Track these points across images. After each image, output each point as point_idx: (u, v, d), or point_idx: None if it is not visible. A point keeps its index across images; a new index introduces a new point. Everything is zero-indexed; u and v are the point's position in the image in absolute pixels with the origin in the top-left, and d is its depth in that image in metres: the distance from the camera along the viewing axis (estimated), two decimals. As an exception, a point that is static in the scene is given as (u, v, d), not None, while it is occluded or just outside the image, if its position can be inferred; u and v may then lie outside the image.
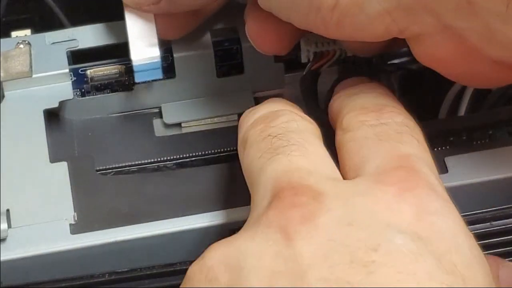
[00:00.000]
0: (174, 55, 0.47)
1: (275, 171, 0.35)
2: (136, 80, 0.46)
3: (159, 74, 0.46)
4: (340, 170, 0.37)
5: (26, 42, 0.47)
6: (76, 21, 0.52)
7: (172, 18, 0.45)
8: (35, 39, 0.48)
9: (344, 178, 0.36)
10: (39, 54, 0.47)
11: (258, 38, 0.43)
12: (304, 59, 0.47)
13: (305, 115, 0.39)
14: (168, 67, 0.48)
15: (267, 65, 0.48)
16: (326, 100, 0.43)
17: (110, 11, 0.48)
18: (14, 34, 0.50)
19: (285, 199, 0.33)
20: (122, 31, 0.46)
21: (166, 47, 0.47)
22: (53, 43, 0.48)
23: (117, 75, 0.48)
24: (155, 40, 0.45)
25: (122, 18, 0.46)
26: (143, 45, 0.45)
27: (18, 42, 0.47)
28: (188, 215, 0.41)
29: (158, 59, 0.45)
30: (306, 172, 0.35)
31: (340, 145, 0.38)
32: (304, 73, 0.46)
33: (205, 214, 0.41)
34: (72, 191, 0.42)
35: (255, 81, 0.49)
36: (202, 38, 0.48)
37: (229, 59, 0.48)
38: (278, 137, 0.37)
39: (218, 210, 0.41)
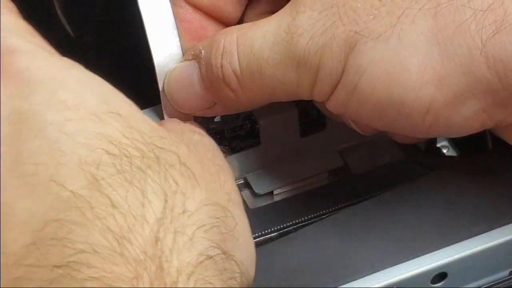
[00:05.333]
0: (260, 121, 0.45)
1: None
2: None
3: None
4: None
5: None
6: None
7: None
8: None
9: None
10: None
11: (366, 131, 0.42)
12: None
13: None
14: (252, 135, 0.45)
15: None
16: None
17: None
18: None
19: None
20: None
21: (244, 114, 0.45)
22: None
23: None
24: None
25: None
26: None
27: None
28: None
29: None
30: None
31: None
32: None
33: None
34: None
35: (338, 135, 0.47)
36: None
37: (311, 116, 0.47)
38: None
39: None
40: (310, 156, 0.47)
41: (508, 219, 0.42)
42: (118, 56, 0.53)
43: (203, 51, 0.41)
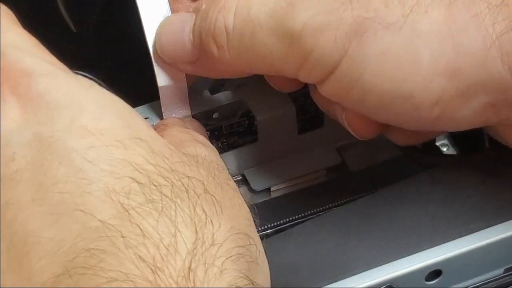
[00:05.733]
0: (258, 118, 0.45)
1: None
2: None
3: None
4: None
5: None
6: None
7: None
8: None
9: None
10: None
11: (356, 128, 0.41)
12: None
13: None
14: (250, 132, 0.46)
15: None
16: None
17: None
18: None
19: None
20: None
21: (242, 111, 0.45)
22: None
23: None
24: (186, 100, 0.43)
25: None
26: (175, 105, 0.43)
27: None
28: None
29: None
30: None
31: None
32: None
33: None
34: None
35: (336, 133, 0.47)
36: (280, 96, 0.46)
37: (309, 113, 0.47)
38: None
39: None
40: (307, 153, 0.47)
41: (504, 217, 0.42)
42: (119, 51, 0.54)
43: (204, 5, 0.40)
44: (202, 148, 0.36)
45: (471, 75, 0.36)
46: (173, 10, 0.43)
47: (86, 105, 0.30)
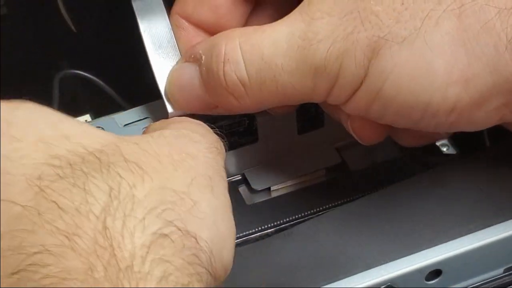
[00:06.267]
0: (258, 118, 0.45)
1: None
2: None
3: None
4: None
5: (100, 127, 0.45)
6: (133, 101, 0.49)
7: None
8: (106, 123, 0.45)
9: None
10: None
11: (362, 134, 0.42)
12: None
13: None
14: (250, 132, 0.46)
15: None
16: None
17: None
18: (74, 121, 0.47)
19: None
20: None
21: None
22: (125, 124, 0.45)
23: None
24: None
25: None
26: None
27: (92, 130, 0.44)
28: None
29: None
30: None
31: None
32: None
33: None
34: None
35: (336, 133, 0.47)
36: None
37: (309, 113, 0.47)
38: None
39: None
40: (307, 153, 0.47)
41: (504, 217, 0.42)
42: (119, 51, 0.54)
43: (203, 56, 0.40)
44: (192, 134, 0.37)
45: (484, 81, 0.37)
46: (177, 37, 0.43)
47: (14, 121, 0.32)
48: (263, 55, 0.39)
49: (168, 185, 0.32)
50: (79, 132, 0.33)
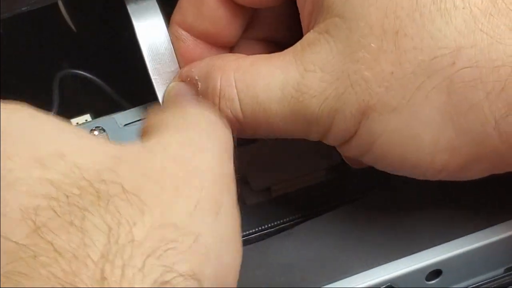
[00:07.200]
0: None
1: None
2: None
3: None
4: None
5: (100, 128, 0.45)
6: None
7: None
8: (106, 123, 0.45)
9: None
10: (115, 138, 0.44)
11: (354, 164, 0.44)
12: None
13: None
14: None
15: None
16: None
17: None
18: (74, 121, 0.47)
19: None
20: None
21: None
22: (125, 124, 0.45)
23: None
24: None
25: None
26: None
27: (92, 129, 0.45)
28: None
29: None
30: None
31: None
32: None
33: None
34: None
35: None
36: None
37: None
38: None
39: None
40: (308, 153, 0.47)
41: (504, 217, 0.42)
42: (119, 51, 0.54)
43: (199, 84, 0.40)
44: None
45: (470, 151, 0.37)
46: (175, 47, 0.43)
47: (7, 130, 0.30)
48: (258, 98, 0.39)
49: (168, 219, 0.30)
50: (75, 148, 0.31)
